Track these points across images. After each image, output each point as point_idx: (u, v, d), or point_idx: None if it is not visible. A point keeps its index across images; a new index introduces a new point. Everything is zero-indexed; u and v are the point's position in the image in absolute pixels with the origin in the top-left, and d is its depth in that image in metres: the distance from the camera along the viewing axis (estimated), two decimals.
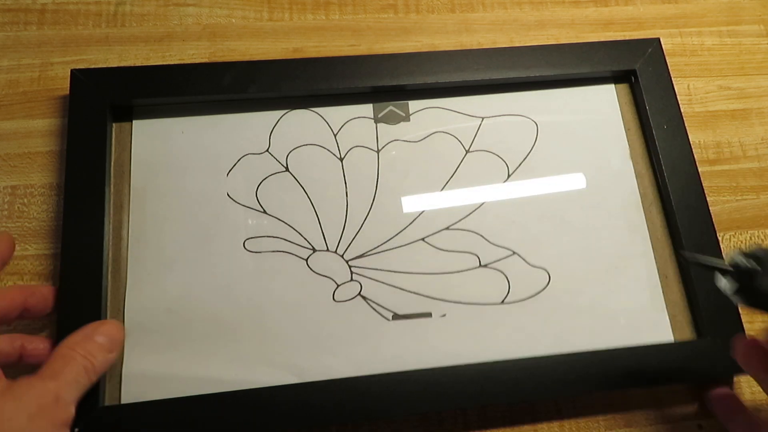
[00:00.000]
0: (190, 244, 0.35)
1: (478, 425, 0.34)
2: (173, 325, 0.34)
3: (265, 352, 0.33)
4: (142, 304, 0.34)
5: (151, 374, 0.32)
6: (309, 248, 0.36)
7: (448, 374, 0.32)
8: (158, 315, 0.34)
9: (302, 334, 0.34)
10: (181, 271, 0.35)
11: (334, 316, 0.34)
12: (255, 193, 0.37)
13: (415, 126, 0.39)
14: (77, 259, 0.33)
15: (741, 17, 0.45)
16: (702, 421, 0.35)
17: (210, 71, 0.37)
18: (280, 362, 0.33)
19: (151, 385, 0.32)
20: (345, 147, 0.38)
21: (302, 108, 0.39)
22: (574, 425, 0.34)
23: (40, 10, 0.41)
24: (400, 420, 0.34)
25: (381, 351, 0.34)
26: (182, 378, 0.32)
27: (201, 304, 0.34)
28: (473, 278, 0.36)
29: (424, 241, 0.36)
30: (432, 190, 0.38)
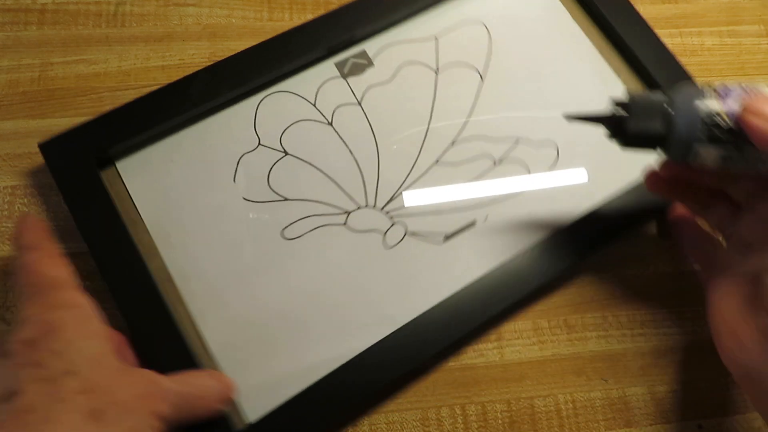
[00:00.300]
0: (231, 258, 0.35)
1: (478, 425, 0.34)
2: (255, 335, 0.33)
3: (350, 320, 0.34)
4: (217, 329, 0.33)
5: (261, 384, 0.32)
6: (342, 212, 0.36)
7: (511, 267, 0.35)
8: (237, 332, 0.33)
9: (375, 288, 0.35)
10: (237, 286, 0.34)
11: (393, 261, 0.35)
12: (268, 185, 0.37)
13: (381, 67, 0.40)
14: (145, 322, 0.32)
15: (741, 17, 0.45)
16: (702, 421, 0.35)
17: (174, 91, 0.37)
18: (369, 322, 0.34)
19: (268, 394, 0.32)
20: (328, 111, 0.39)
21: (273, 92, 0.39)
22: (574, 425, 0.34)
23: (40, 10, 0.41)
24: (400, 420, 0.34)
25: (450, 271, 0.35)
26: (293, 375, 0.32)
27: (271, 305, 0.34)
28: (496, 175, 0.38)
29: (438, 163, 0.38)
30: (423, 117, 0.39)
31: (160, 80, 0.40)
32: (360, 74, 0.39)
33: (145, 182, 0.36)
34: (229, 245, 0.35)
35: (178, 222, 0.35)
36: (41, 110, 0.39)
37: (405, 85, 0.40)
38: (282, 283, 0.35)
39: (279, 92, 0.39)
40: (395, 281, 0.35)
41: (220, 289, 0.34)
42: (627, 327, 0.36)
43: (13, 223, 0.36)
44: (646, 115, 0.29)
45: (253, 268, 0.35)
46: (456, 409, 0.34)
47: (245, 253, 0.35)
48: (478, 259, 0.35)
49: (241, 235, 0.35)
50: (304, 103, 0.39)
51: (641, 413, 0.35)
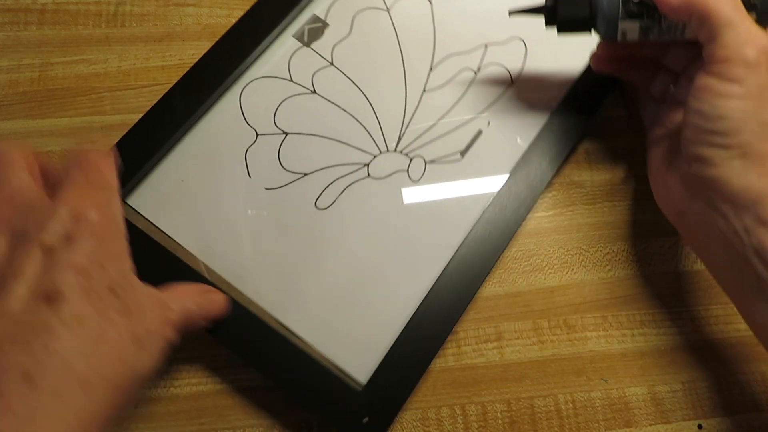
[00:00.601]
0: (278, 246, 0.35)
1: (478, 424, 0.34)
2: (332, 308, 0.34)
3: (409, 260, 0.35)
4: (297, 315, 0.34)
5: (357, 349, 0.34)
6: (362, 165, 0.38)
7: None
8: (314, 311, 0.34)
9: (418, 222, 0.36)
10: (294, 269, 0.35)
11: (424, 192, 0.37)
12: (283, 168, 0.37)
13: (336, 24, 0.41)
14: (238, 332, 0.32)
15: None
16: (702, 421, 0.35)
17: (158, 113, 0.36)
18: (426, 255, 0.36)
19: (366, 355, 0.33)
20: (307, 81, 0.39)
21: (248, 82, 0.39)
22: (574, 425, 0.34)
23: (40, 10, 0.41)
24: (400, 420, 0.34)
25: (478, 181, 0.37)
26: (380, 331, 0.34)
27: (333, 275, 0.35)
28: (481, 82, 0.40)
29: (426, 91, 0.39)
30: (395, 55, 0.40)
31: (159, 80, 0.40)
32: (320, 37, 0.40)
33: (164, 209, 0.36)
34: (270, 236, 0.36)
35: (213, 232, 0.35)
36: (41, 110, 0.39)
37: (365, 32, 0.40)
38: (335, 250, 0.35)
39: (254, 80, 0.39)
40: (434, 210, 0.37)
41: (280, 278, 0.35)
42: (627, 327, 0.36)
43: None
44: (572, 1, 0.33)
45: (303, 247, 0.36)
46: (456, 409, 0.34)
47: (289, 237, 0.36)
48: (497, 161, 0.38)
49: (277, 222, 0.36)
50: (282, 82, 0.39)
51: (641, 413, 0.35)
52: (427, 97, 0.39)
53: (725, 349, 0.35)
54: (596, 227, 0.38)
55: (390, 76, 0.40)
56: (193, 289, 0.30)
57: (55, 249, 0.23)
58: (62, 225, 0.23)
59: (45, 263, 0.23)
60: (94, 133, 0.38)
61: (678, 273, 0.37)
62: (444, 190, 0.37)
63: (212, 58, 0.38)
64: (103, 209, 0.25)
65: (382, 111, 0.39)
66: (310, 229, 0.36)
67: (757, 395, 0.35)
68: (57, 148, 0.38)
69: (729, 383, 0.35)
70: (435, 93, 0.39)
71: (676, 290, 0.37)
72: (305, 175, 0.37)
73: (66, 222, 0.24)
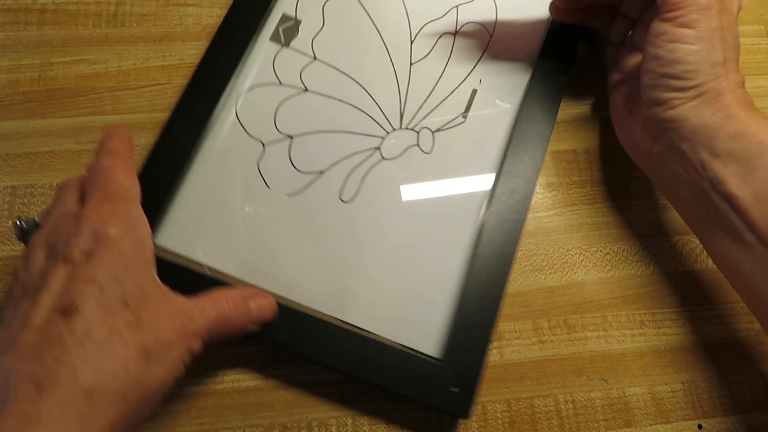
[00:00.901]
0: (320, 251, 0.35)
1: (478, 424, 0.34)
2: (392, 298, 0.35)
3: (444, 229, 0.36)
4: (359, 312, 0.34)
5: (423, 328, 0.34)
6: (374, 149, 0.38)
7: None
8: (378, 304, 0.34)
9: (444, 189, 0.37)
10: (344, 269, 0.35)
11: (440, 160, 0.38)
12: (299, 171, 0.37)
13: (308, 19, 0.40)
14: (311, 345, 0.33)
15: (741, 17, 0.44)
16: (702, 420, 0.35)
17: (164, 147, 0.35)
18: (461, 217, 0.36)
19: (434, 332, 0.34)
20: (296, 81, 0.39)
21: (240, 94, 0.38)
22: (574, 425, 0.34)
23: (40, 10, 0.41)
24: (400, 420, 0.34)
25: (488, 136, 0.38)
26: (438, 307, 0.34)
27: (379, 262, 0.35)
28: (462, 45, 0.41)
29: (413, 64, 0.40)
30: (373, 36, 0.40)
31: (160, 80, 0.40)
32: (296, 35, 0.40)
33: (193, 240, 0.35)
34: (306, 239, 0.36)
35: (248, 250, 0.35)
36: (41, 110, 0.39)
37: (338, 20, 0.41)
38: (371, 237, 0.36)
39: (246, 92, 0.39)
40: (455, 173, 0.37)
41: (327, 278, 0.35)
42: (627, 327, 0.36)
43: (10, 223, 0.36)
44: None
45: (340, 242, 0.36)
46: None
47: (324, 236, 0.36)
48: (498, 114, 0.39)
49: (309, 225, 0.36)
50: (272, 88, 0.39)
51: (641, 413, 0.35)
52: (415, 70, 0.40)
53: (725, 349, 0.35)
54: (596, 227, 0.38)
55: (375, 57, 0.40)
56: (236, 295, 0.30)
57: (76, 264, 0.25)
58: (84, 241, 0.26)
59: (68, 277, 0.25)
60: (94, 133, 0.38)
61: (678, 273, 0.37)
62: (458, 151, 0.38)
63: (200, 80, 0.37)
64: (122, 221, 0.27)
65: (377, 93, 0.39)
66: (343, 223, 0.36)
67: (757, 395, 0.35)
68: (57, 148, 0.38)
69: (729, 383, 0.35)
70: (422, 64, 0.40)
71: (676, 290, 0.37)
72: (322, 173, 0.37)
73: (87, 239, 0.26)
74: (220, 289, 0.30)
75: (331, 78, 0.39)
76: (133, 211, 0.28)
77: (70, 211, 0.28)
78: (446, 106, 0.39)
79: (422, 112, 0.39)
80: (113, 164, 0.29)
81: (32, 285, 0.25)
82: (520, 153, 0.36)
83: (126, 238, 0.26)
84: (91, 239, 0.26)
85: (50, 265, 0.25)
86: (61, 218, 0.27)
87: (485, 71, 0.40)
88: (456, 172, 0.37)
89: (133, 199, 0.29)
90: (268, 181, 0.37)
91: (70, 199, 0.28)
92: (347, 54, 0.40)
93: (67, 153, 0.38)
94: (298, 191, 0.37)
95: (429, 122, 0.39)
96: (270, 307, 0.31)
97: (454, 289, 0.35)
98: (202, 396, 0.34)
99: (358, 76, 0.39)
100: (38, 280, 0.25)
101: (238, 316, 0.30)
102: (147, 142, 0.38)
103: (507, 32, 0.41)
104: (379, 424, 0.34)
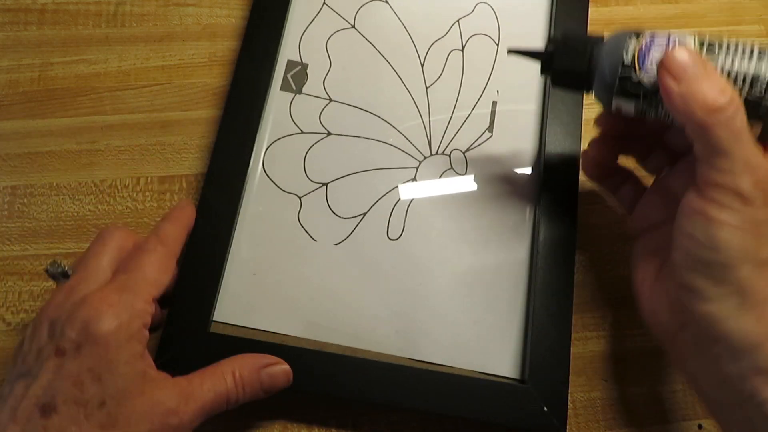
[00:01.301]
0: (382, 294, 0.35)
1: None
2: (462, 329, 0.34)
3: (498, 244, 0.36)
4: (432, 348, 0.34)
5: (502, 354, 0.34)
6: (410, 181, 0.37)
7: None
8: (450, 339, 0.34)
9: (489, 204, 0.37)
10: (408, 306, 0.35)
11: (476, 178, 0.37)
12: (341, 218, 0.36)
13: (313, 60, 0.40)
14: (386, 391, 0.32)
15: (741, 17, 0.45)
16: (702, 420, 0.35)
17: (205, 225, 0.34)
18: (510, 227, 0.36)
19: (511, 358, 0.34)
20: (316, 126, 0.38)
21: (266, 149, 0.37)
22: (574, 425, 0.34)
23: (40, 10, 0.41)
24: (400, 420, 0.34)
25: (518, 142, 0.38)
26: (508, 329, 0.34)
27: (442, 292, 0.35)
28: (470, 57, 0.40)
29: (429, 88, 0.39)
30: (383, 66, 0.40)
31: (160, 80, 0.40)
32: (306, 80, 0.39)
33: (251, 310, 0.34)
34: (365, 285, 0.35)
35: (310, 307, 0.34)
36: (41, 110, 0.39)
37: (344, 56, 0.40)
38: (429, 270, 0.35)
39: (269, 147, 0.37)
40: (495, 188, 0.37)
41: (395, 320, 0.34)
42: (627, 327, 0.36)
43: (13, 223, 0.36)
44: (573, 53, 0.29)
45: (400, 281, 0.35)
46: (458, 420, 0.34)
47: (383, 278, 0.35)
48: (523, 122, 0.39)
49: (364, 270, 0.35)
50: (294, 137, 0.38)
51: (641, 413, 0.35)
52: (432, 93, 0.39)
53: None
54: (596, 227, 0.38)
55: (389, 87, 0.39)
56: (249, 364, 0.30)
57: (66, 355, 0.26)
58: (76, 334, 0.26)
59: (55, 369, 0.25)
60: (94, 133, 0.38)
61: None
62: (493, 167, 0.38)
63: (223, 148, 0.36)
64: (118, 315, 0.27)
65: (400, 123, 0.38)
66: (396, 262, 0.35)
67: None
68: (57, 148, 0.38)
69: None
70: (437, 85, 0.40)
71: None
72: (364, 215, 0.36)
73: (78, 330, 0.26)
74: (236, 357, 0.30)
75: (351, 117, 0.38)
76: (138, 303, 0.28)
77: (90, 277, 0.28)
78: (471, 123, 0.39)
79: (449, 135, 0.38)
80: (153, 251, 0.30)
81: (29, 366, 0.26)
82: (555, 149, 0.36)
83: (115, 335, 0.26)
84: (81, 332, 0.26)
85: (47, 350, 0.26)
86: (73, 289, 0.28)
87: (500, 80, 0.40)
88: (496, 187, 0.37)
89: (148, 290, 0.28)
90: (313, 234, 0.36)
91: (99, 262, 0.29)
92: (361, 89, 0.39)
93: (67, 153, 0.38)
94: (345, 238, 0.36)
95: (458, 144, 0.38)
96: (283, 376, 0.30)
97: (520, 304, 0.34)
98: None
99: (378, 110, 0.39)
100: (35, 361, 0.26)
101: (244, 389, 0.29)
102: (147, 142, 0.38)
103: (512, 36, 0.41)
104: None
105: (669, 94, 0.25)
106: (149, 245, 0.30)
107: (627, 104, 0.28)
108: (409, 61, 0.40)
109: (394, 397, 0.32)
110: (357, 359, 0.32)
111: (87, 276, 0.28)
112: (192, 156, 0.38)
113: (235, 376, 0.29)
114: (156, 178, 0.38)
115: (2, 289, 0.35)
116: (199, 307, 0.32)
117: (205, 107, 0.39)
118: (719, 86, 0.25)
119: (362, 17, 0.41)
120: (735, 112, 0.24)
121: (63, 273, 0.30)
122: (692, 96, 0.25)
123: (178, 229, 0.32)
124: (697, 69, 0.25)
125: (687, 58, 0.25)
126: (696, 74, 0.25)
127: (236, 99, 0.37)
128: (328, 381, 0.32)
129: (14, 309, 0.35)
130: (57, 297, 0.28)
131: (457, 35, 0.41)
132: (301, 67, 0.39)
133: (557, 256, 0.34)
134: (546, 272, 0.34)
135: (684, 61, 0.25)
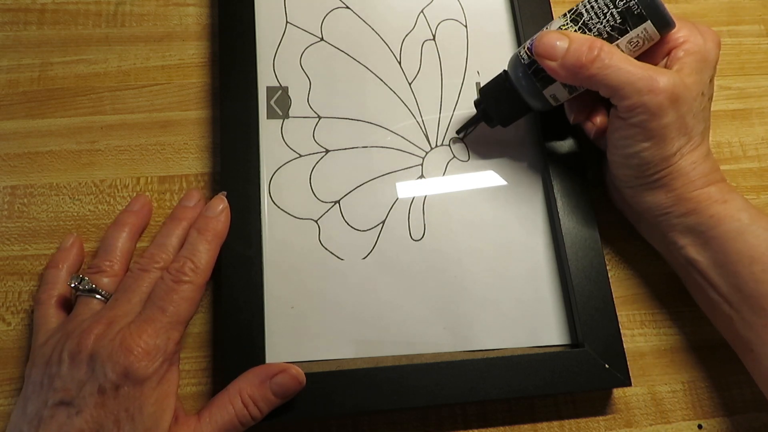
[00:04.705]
0: (421, 297, 0.35)
1: (478, 425, 0.34)
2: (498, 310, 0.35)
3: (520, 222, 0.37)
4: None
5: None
6: (419, 178, 0.38)
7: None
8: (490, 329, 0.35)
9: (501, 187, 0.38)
10: (450, 302, 0.35)
11: (480, 161, 0.38)
12: (361, 232, 0.36)
13: (294, 82, 0.39)
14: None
15: (741, 17, 0.45)
16: (702, 421, 0.35)
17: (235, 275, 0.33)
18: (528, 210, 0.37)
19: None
20: (309, 145, 0.38)
21: (271, 179, 0.37)
22: (574, 425, 0.34)
23: (40, 10, 0.41)
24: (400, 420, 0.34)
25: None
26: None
27: (481, 282, 0.35)
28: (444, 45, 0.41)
29: (411, 84, 0.40)
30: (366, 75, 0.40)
31: (159, 80, 0.40)
32: (290, 102, 0.38)
33: (299, 344, 0.34)
34: (403, 292, 0.35)
35: (357, 328, 0.34)
36: (41, 110, 0.39)
37: (322, 70, 0.39)
38: (460, 261, 0.36)
39: (272, 178, 0.37)
40: (503, 165, 0.38)
41: (441, 318, 0.35)
42: (627, 327, 0.36)
43: (13, 223, 0.36)
44: (493, 95, 0.35)
45: (435, 280, 0.35)
46: (456, 409, 0.34)
47: (418, 280, 0.35)
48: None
49: (398, 278, 0.35)
50: (294, 163, 0.37)
51: (641, 413, 0.35)
52: (416, 87, 0.40)
53: (725, 349, 0.35)
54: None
55: (373, 91, 0.39)
56: (255, 378, 0.30)
57: (106, 394, 0.27)
58: (117, 375, 0.28)
59: (97, 405, 0.27)
60: (93, 133, 0.38)
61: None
62: (496, 148, 0.39)
63: (230, 189, 0.35)
64: (154, 360, 0.28)
65: (393, 124, 0.39)
66: (426, 260, 0.36)
67: (757, 395, 0.35)
68: (57, 148, 0.38)
69: (729, 383, 0.35)
70: (419, 79, 0.40)
71: (676, 290, 0.37)
72: (384, 223, 0.36)
73: (119, 373, 0.28)
74: (242, 375, 0.31)
75: (344, 129, 0.38)
76: (170, 346, 0.29)
77: (130, 311, 0.30)
78: (461, 109, 0.39)
79: (443, 125, 0.39)
80: (190, 282, 0.30)
81: (71, 397, 0.27)
82: (550, 114, 0.37)
83: (150, 380, 0.28)
84: (121, 376, 0.27)
85: (90, 386, 0.28)
86: (114, 323, 0.29)
87: (478, 60, 0.40)
88: (503, 166, 0.38)
89: (179, 330, 0.30)
90: (338, 254, 0.36)
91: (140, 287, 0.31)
92: (347, 99, 0.39)
93: (67, 153, 0.38)
94: (370, 250, 0.36)
95: (454, 132, 0.39)
96: (292, 381, 0.30)
97: (555, 273, 0.36)
98: (203, 396, 0.34)
99: (368, 116, 0.39)
100: (78, 393, 0.28)
101: (257, 405, 0.30)
102: (147, 142, 0.38)
103: (477, 14, 0.42)
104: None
105: (552, 71, 0.31)
106: (186, 273, 0.31)
107: (554, 89, 0.33)
108: (386, 61, 0.40)
109: (462, 393, 0.32)
110: (416, 365, 0.32)
111: (127, 311, 0.30)
112: (192, 156, 0.38)
113: (243, 396, 0.30)
114: (156, 178, 0.38)
115: (2, 289, 0.35)
116: (250, 356, 0.32)
117: (205, 107, 0.39)
118: (580, 42, 0.30)
119: (328, 28, 0.40)
120: (605, 54, 0.30)
121: (91, 289, 0.31)
122: (568, 64, 0.30)
123: (212, 252, 0.32)
124: (562, 42, 0.31)
125: (549, 38, 0.31)
126: (562, 46, 0.31)
127: (230, 141, 0.36)
128: (395, 395, 0.31)
129: (14, 309, 0.35)
130: (96, 327, 0.29)
131: (424, 25, 0.41)
132: (282, 91, 0.39)
133: (578, 216, 0.35)
134: (572, 236, 0.35)
135: (548, 42, 0.31)
